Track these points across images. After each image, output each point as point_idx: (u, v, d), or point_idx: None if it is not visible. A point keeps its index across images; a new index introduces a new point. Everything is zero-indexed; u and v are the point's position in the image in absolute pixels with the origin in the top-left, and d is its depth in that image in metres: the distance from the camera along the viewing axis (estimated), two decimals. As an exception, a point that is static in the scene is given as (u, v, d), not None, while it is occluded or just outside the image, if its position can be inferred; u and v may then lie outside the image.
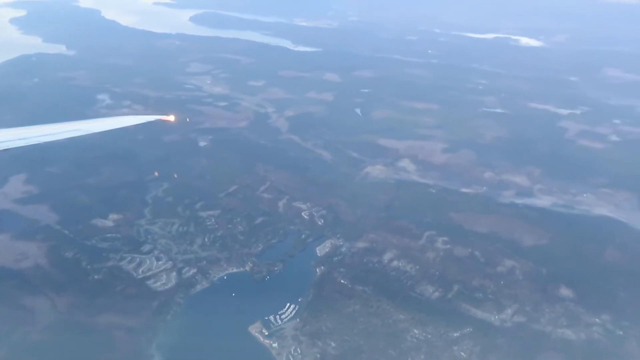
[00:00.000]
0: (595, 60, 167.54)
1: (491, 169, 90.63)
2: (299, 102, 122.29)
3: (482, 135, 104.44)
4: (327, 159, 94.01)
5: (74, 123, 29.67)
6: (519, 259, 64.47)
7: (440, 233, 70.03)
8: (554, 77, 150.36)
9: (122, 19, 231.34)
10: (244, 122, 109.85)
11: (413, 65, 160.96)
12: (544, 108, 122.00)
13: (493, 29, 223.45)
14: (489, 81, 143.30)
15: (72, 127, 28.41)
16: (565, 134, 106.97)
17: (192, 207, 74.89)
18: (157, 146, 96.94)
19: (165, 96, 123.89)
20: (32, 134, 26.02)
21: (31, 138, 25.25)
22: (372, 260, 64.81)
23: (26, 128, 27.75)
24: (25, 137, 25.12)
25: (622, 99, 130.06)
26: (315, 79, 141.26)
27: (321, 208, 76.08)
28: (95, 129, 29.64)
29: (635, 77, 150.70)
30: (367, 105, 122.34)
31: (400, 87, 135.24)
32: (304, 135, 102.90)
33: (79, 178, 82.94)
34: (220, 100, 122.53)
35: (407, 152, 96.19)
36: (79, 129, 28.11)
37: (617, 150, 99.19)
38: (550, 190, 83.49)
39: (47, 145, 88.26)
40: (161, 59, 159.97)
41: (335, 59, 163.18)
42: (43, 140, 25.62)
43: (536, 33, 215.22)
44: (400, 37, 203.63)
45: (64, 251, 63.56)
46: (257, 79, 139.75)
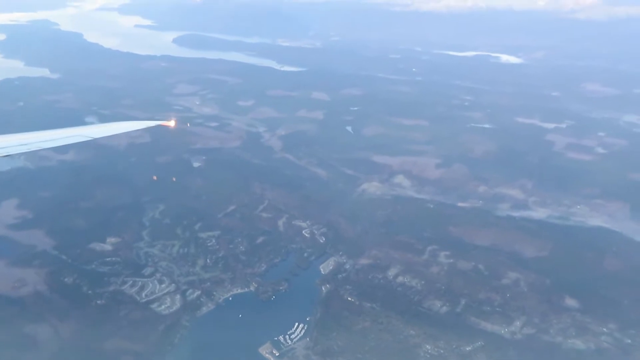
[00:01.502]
0: (574, 76, 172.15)
1: (485, 182, 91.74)
2: (289, 120, 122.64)
3: (472, 150, 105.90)
4: (323, 176, 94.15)
5: (74, 129, 28.97)
6: (522, 271, 65.04)
7: (442, 247, 70.38)
8: (536, 92, 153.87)
9: (105, 41, 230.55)
10: (236, 142, 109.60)
11: (399, 83, 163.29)
12: (530, 122, 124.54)
13: (473, 46, 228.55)
14: (474, 97, 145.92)
15: (72, 132, 27.70)
16: (553, 147, 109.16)
17: (191, 228, 74.01)
18: (150, 167, 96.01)
19: (154, 117, 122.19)
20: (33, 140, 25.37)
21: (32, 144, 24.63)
22: (377, 276, 64.69)
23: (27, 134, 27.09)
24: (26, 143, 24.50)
25: (604, 112, 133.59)
26: (304, 98, 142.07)
27: (321, 225, 75.89)
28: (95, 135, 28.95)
29: (613, 90, 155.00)
30: (357, 122, 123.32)
31: (388, 104, 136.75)
32: (298, 154, 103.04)
33: (73, 201, 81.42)
34: (211, 121, 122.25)
35: (401, 168, 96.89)
36: (79, 134, 27.42)
37: (605, 161, 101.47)
38: (545, 202, 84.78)
39: (37, 169, 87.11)
40: (147, 81, 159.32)
41: (321, 78, 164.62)
42: (44, 146, 24.99)
43: (515, 50, 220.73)
44: (383, 56, 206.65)
45: (63, 276, 62.05)
46: (246, 99, 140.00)
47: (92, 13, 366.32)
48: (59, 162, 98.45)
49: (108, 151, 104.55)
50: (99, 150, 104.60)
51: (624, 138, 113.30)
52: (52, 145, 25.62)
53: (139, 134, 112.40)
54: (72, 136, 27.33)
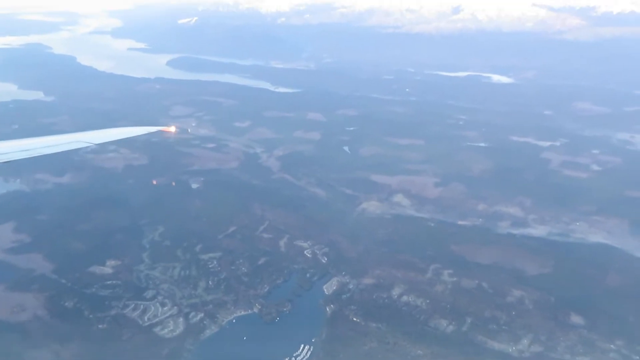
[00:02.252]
0: (564, 95, 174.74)
1: (484, 200, 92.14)
2: (286, 141, 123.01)
3: (470, 169, 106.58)
4: (322, 196, 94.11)
5: (75, 135, 28.64)
6: (526, 288, 64.94)
7: (445, 266, 70.22)
8: (528, 111, 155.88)
9: (99, 64, 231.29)
10: (234, 163, 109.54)
11: (393, 103, 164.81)
12: (525, 141, 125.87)
13: (464, 67, 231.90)
14: (468, 116, 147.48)
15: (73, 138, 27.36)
16: (549, 164, 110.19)
17: (192, 250, 73.34)
18: (148, 189, 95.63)
19: (151, 139, 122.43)
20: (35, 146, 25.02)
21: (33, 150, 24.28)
22: (382, 296, 64.27)
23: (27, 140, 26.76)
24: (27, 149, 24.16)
25: (596, 130, 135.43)
26: (300, 119, 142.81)
27: (323, 245, 75.54)
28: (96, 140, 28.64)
29: (604, 109, 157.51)
30: (354, 142, 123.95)
31: (384, 124, 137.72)
32: (296, 174, 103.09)
33: (71, 224, 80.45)
34: (208, 142, 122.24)
35: (400, 187, 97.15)
36: (79, 140, 27.09)
37: (601, 178, 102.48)
38: (544, 220, 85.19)
39: (33, 192, 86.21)
40: (143, 103, 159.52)
41: (316, 99, 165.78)
42: (46, 152, 24.60)
43: (505, 70, 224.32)
44: (376, 77, 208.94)
45: (63, 301, 60.99)
46: (242, 120, 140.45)
47: (85, 36, 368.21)
48: (55, 184, 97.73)
49: (105, 173, 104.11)
50: (95, 173, 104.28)
51: (618, 155, 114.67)
52: (53, 151, 25.21)
53: (136, 157, 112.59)
54: (73, 142, 26.91)
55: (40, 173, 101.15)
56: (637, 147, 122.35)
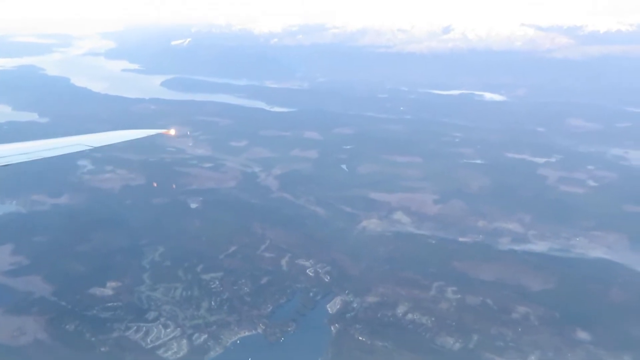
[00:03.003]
0: (556, 112, 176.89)
1: (483, 217, 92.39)
2: (284, 160, 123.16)
3: (468, 185, 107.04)
4: (322, 214, 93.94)
5: (74, 138, 28.42)
6: (531, 304, 64.79)
7: (449, 283, 70.01)
8: (522, 128, 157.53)
9: (93, 85, 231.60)
10: (232, 182, 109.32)
11: (388, 122, 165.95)
12: (521, 157, 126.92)
13: (456, 85, 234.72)
14: (463, 134, 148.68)
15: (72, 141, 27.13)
16: (546, 181, 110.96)
17: (193, 270, 72.67)
18: (146, 210, 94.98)
19: (148, 159, 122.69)
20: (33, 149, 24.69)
21: (32, 153, 23.91)
22: (386, 314, 63.83)
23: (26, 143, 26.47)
24: (27, 152, 23.80)
25: (590, 146, 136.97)
26: (297, 138, 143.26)
27: (325, 264, 75.15)
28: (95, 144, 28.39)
29: (596, 125, 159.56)
30: (351, 160, 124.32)
31: (380, 142, 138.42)
32: (295, 193, 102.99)
33: (70, 246, 79.55)
34: (205, 162, 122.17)
35: (399, 205, 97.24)
36: (79, 143, 26.86)
37: (598, 194, 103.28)
38: (544, 236, 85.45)
39: (30, 213, 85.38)
40: (139, 124, 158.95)
41: (312, 118, 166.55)
42: (45, 155, 24.24)
43: (497, 88, 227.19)
44: (370, 96, 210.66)
45: (64, 324, 60.00)
46: (239, 140, 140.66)
47: (78, 58, 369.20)
48: (53, 206, 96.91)
49: (102, 194, 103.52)
50: (92, 193, 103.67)
51: (613, 171, 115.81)
52: (52, 154, 24.85)
53: (133, 177, 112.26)
54: (72, 145, 26.66)
55: (37, 194, 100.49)
56: (632, 162, 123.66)
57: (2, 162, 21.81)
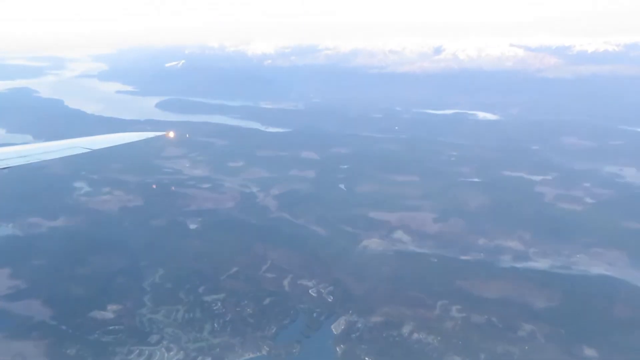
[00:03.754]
0: (550, 130, 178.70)
1: (483, 235, 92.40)
2: (282, 180, 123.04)
3: (467, 204, 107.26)
4: (322, 234, 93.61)
5: (72, 140, 28.31)
6: (536, 322, 64.55)
7: (453, 301, 69.65)
8: (517, 146, 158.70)
9: (87, 107, 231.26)
10: (231, 203, 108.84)
11: (384, 141, 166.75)
12: (518, 175, 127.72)
13: (450, 105, 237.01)
14: (459, 152, 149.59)
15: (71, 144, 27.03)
16: (544, 198, 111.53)
17: (194, 292, 71.88)
18: (145, 231, 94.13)
19: (146, 180, 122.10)
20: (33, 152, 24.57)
21: (32, 156, 23.78)
22: (392, 334, 63.27)
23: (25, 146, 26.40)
24: (26, 155, 23.66)
25: (585, 164, 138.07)
26: (294, 158, 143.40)
27: (327, 284, 74.63)
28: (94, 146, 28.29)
29: (590, 143, 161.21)
30: (349, 180, 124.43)
31: (377, 161, 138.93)
32: (295, 212, 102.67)
33: (68, 269, 78.41)
34: (203, 182, 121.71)
35: (400, 223, 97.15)
36: (77, 146, 26.77)
37: (596, 211, 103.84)
38: (545, 253, 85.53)
39: (27, 236, 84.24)
40: (135, 145, 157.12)
41: (308, 138, 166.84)
42: (44, 158, 24.15)
43: (490, 107, 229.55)
44: (365, 116, 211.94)
45: (65, 348, 58.98)
46: (236, 160, 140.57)
47: (71, 80, 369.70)
48: (49, 228, 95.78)
49: (100, 216, 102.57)
50: (90, 215, 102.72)
51: (610, 188, 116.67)
52: (52, 157, 24.75)
53: (130, 198, 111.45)
54: (71, 148, 26.55)
55: (33, 217, 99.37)
56: (627, 179, 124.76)
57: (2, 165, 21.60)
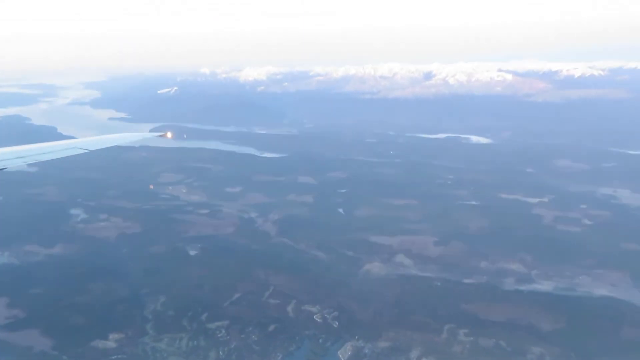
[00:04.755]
0: (543, 153, 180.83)
1: (485, 258, 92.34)
2: (280, 205, 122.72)
3: (466, 227, 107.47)
4: (324, 259, 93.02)
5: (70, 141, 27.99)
6: (545, 345, 64.19)
7: (459, 325, 69.18)
8: (511, 169, 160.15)
9: (80, 134, 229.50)
10: (230, 229, 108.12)
11: (380, 165, 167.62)
12: (514, 198, 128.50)
13: (442, 129, 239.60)
14: (455, 176, 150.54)
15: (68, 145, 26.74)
16: (542, 220, 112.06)
17: (197, 319, 70.81)
18: (144, 258, 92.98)
19: (143, 207, 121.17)
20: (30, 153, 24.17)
21: (29, 157, 23.35)
22: (400, 359, 62.45)
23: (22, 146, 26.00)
24: (23, 156, 23.23)
25: (580, 186, 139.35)
26: (291, 182, 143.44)
27: (332, 309, 73.87)
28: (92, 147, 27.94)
29: (583, 166, 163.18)
30: (348, 204, 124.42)
31: (374, 185, 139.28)
32: (295, 237, 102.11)
33: (68, 297, 77.03)
34: (201, 208, 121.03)
35: (401, 247, 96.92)
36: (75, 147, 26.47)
37: (594, 232, 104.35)
38: (548, 275, 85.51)
39: (24, 264, 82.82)
40: (130, 171, 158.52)
41: (304, 163, 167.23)
42: (41, 159, 23.74)
43: (482, 131, 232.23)
44: (359, 140, 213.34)
45: (67, 379, 57.38)
46: (233, 185, 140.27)
47: (64, 107, 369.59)
48: (47, 256, 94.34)
49: (97, 243, 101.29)
50: (87, 242, 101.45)
51: (606, 210, 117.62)
52: (49, 158, 24.32)
53: (128, 225, 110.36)
54: (68, 149, 26.19)
55: (30, 244, 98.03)
56: (622, 201, 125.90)
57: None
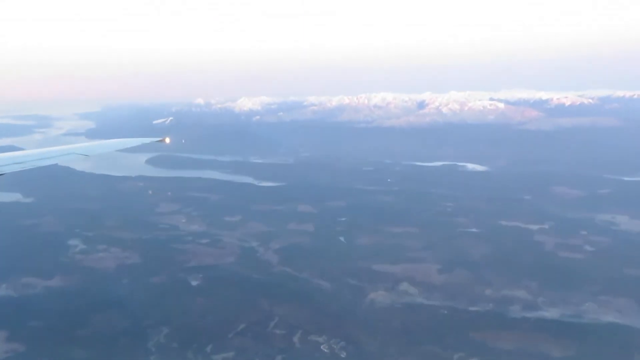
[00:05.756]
0: (539, 180, 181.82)
1: (489, 285, 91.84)
2: (281, 234, 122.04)
3: (469, 254, 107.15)
4: (327, 288, 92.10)
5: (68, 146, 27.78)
6: (557, 374, 63.36)
7: (469, 354, 68.32)
8: (510, 196, 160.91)
9: (76, 164, 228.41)
10: (231, 258, 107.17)
11: (378, 193, 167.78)
12: (515, 225, 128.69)
13: (438, 157, 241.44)
14: (454, 203, 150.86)
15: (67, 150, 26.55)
16: (544, 247, 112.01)
17: (202, 351, 69.49)
18: (145, 289, 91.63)
19: (142, 237, 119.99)
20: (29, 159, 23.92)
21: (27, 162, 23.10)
22: (411, 390, 61.35)
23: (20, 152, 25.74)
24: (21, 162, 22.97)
25: (578, 213, 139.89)
26: (290, 211, 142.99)
27: (339, 339, 72.74)
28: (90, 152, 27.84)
29: (579, 192, 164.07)
30: (348, 232, 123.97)
31: (374, 213, 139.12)
32: (297, 266, 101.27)
33: (69, 330, 75.32)
34: (201, 238, 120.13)
35: (404, 275, 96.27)
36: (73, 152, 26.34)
37: (597, 259, 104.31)
38: (554, 302, 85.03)
39: (22, 297, 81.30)
40: (128, 201, 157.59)
41: (302, 192, 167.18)
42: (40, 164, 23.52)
43: (478, 159, 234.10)
44: (356, 169, 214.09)
45: (71, 415, 55.61)
46: (232, 215, 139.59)
47: (59, 138, 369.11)
48: (45, 288, 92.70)
49: (97, 274, 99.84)
50: (86, 274, 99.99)
51: (607, 236, 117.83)
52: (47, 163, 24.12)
53: (127, 255, 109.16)
54: (67, 154, 26.10)
55: (27, 276, 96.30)
56: (621, 227, 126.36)
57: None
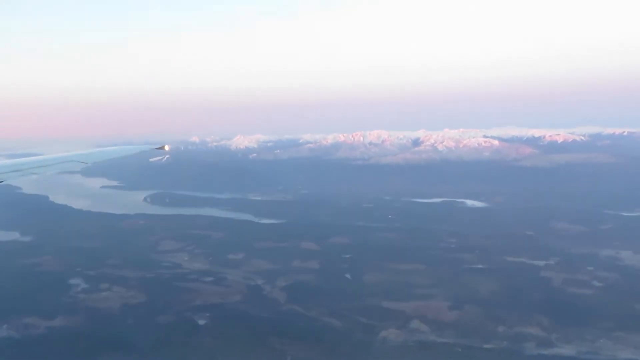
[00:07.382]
0: (539, 216, 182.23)
1: (502, 322, 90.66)
2: (286, 271, 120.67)
3: (477, 290, 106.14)
4: (338, 326, 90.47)
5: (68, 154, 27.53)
6: (581, 413, 61.87)
7: (490, 394, 66.73)
8: (511, 232, 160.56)
9: (74, 203, 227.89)
10: (237, 296, 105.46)
11: (380, 230, 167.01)
12: (520, 261, 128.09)
13: (437, 193, 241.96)
14: (457, 240, 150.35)
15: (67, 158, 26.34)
16: (552, 283, 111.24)
17: (215, 394, 67.26)
18: (151, 329, 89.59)
19: (145, 276, 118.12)
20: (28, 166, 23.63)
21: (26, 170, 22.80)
22: None
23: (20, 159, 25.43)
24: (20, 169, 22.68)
25: (582, 248, 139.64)
26: (294, 248, 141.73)
27: (354, 380, 71.05)
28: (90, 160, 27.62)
29: (581, 228, 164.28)
30: (354, 269, 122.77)
31: (378, 250, 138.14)
32: (305, 305, 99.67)
33: (74, 373, 73.22)
34: (205, 276, 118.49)
35: (415, 313, 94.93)
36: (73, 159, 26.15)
37: (606, 294, 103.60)
38: (568, 339, 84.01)
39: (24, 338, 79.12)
40: (128, 240, 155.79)
41: (304, 229, 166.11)
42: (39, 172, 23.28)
43: (476, 195, 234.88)
44: (356, 206, 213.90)
45: None
46: (235, 252, 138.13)
47: (54, 176, 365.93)
48: (47, 329, 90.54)
49: (101, 314, 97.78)
50: (90, 314, 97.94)
51: (613, 271, 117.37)
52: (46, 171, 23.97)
53: (132, 295, 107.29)
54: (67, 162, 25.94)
55: (29, 317, 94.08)
56: (626, 262, 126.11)
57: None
